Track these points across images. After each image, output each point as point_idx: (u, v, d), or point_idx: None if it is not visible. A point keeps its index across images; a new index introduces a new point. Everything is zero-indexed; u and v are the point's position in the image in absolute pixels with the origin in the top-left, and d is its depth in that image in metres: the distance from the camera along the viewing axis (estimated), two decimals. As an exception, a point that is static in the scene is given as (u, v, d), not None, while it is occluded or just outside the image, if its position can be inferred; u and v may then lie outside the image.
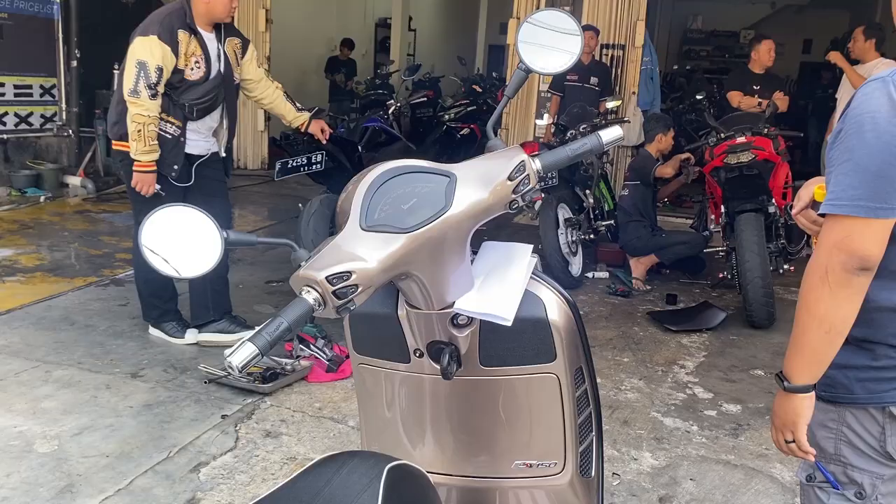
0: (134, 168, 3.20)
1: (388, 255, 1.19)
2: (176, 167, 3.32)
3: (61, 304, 4.18)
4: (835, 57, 5.63)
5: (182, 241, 1.23)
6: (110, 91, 7.44)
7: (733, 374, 3.77)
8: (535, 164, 1.34)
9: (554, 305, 1.40)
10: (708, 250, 5.19)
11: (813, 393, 1.41)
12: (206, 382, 3.23)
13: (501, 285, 1.38)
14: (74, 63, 7.36)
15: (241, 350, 1.10)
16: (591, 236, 5.27)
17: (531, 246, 1.47)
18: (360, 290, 1.17)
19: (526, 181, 1.32)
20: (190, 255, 1.23)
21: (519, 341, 1.39)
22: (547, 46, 1.46)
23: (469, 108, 8.55)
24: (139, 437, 2.82)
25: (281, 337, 1.16)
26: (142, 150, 3.16)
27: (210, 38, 3.39)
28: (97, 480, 2.52)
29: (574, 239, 5.01)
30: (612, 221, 5.40)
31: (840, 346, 1.35)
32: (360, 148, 4.46)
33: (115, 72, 7.41)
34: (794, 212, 1.52)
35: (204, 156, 3.51)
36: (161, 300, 3.68)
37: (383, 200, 1.27)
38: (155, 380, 3.30)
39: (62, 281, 4.57)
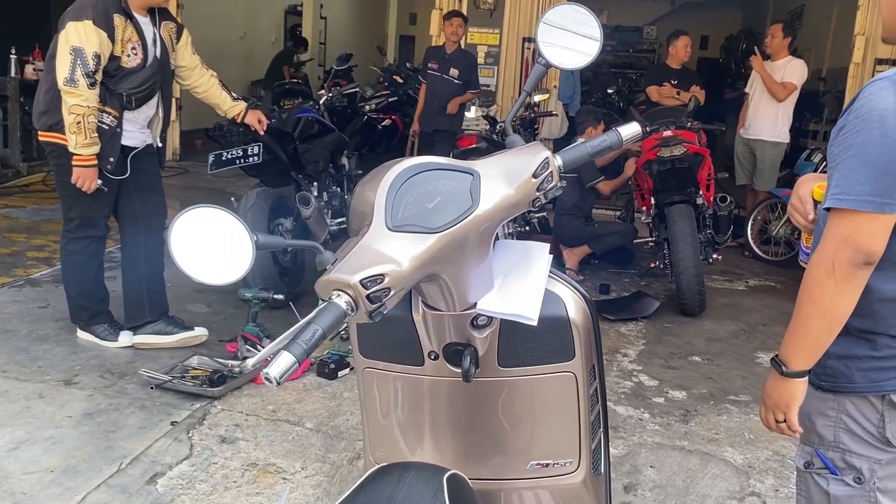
0: (74, 163, 2.96)
1: (419, 256, 1.16)
2: (112, 159, 3.09)
3: (-28, 308, 3.87)
4: (756, 64, 5.90)
5: (211, 246, 1.14)
6: (7, 77, 6.95)
7: (673, 361, 3.89)
8: (557, 161, 1.34)
9: (573, 303, 1.40)
10: (636, 241, 5.34)
11: (807, 377, 1.47)
12: (151, 388, 3.05)
13: (522, 284, 1.36)
14: (-35, 46, 6.83)
15: (280, 361, 1.04)
16: (526, 228, 5.32)
17: (548, 245, 1.46)
18: (392, 293, 1.13)
19: (549, 178, 1.31)
20: (220, 261, 1.14)
21: (539, 341, 1.38)
22: (565, 45, 1.45)
23: (390, 99, 8.45)
24: (84, 449, 2.63)
25: (317, 344, 1.11)
26: (82, 143, 2.93)
27: (146, 22, 3.18)
28: (45, 498, 2.34)
29: (510, 231, 5.02)
30: (544, 214, 5.47)
31: (836, 334, 1.41)
32: (295, 139, 4.32)
33: (12, 56, 6.93)
34: (809, 217, 1.54)
35: (138, 147, 3.30)
36: (91, 301, 3.45)
37: (405, 199, 1.22)
38: (92, 386, 3.10)
39: (-30, 282, 4.24)
